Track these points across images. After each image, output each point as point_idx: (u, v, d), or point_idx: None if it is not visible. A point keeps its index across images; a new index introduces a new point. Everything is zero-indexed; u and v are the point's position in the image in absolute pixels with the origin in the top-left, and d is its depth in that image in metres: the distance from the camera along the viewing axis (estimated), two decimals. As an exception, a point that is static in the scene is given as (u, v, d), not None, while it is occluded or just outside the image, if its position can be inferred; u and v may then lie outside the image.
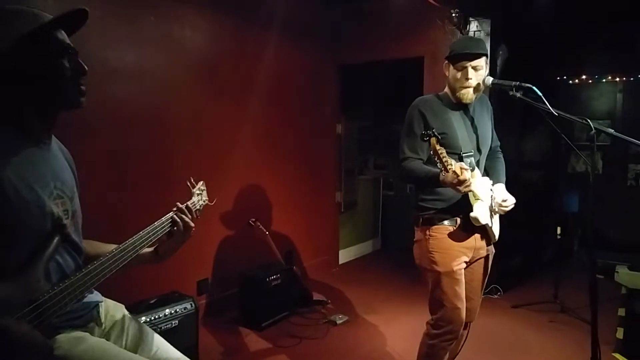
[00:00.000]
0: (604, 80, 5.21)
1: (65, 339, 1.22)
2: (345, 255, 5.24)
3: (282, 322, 3.50)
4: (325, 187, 4.79)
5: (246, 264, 3.58)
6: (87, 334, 1.31)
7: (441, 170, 1.81)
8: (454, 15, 3.86)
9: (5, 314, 1.02)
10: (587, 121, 1.98)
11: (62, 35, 1.23)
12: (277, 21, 3.94)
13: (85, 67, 1.25)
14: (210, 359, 2.96)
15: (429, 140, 1.81)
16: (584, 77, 5.26)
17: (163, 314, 2.63)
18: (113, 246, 1.46)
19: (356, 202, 5.39)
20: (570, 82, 5.33)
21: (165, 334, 2.51)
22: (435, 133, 1.81)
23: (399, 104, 5.49)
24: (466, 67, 2.07)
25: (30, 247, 1.13)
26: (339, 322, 3.51)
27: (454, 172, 1.79)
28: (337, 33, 4.58)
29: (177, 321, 2.68)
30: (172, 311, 2.67)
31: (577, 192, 4.73)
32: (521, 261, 4.59)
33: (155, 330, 2.49)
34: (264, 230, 3.52)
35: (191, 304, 2.77)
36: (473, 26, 3.89)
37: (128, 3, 2.97)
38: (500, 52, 3.88)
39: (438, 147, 1.78)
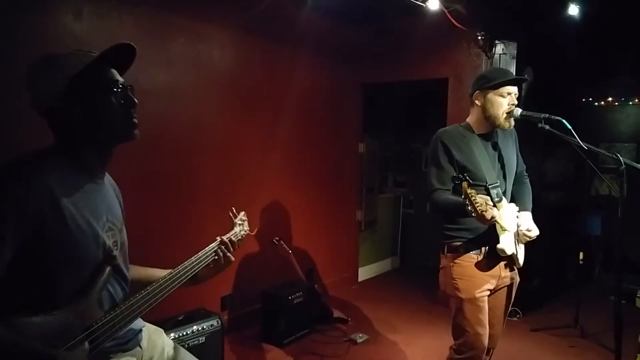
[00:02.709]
0: (630, 102, 5.16)
1: None
2: (364, 273, 5.25)
3: (303, 339, 3.53)
4: (346, 206, 4.83)
5: (269, 281, 3.63)
6: (135, 358, 1.38)
7: (471, 212, 1.84)
8: (480, 37, 3.88)
9: (61, 341, 1.09)
10: (617, 156, 1.98)
11: (110, 72, 1.28)
12: (302, 41, 4.01)
13: (135, 100, 1.29)
14: (234, 375, 3.02)
15: (460, 184, 1.84)
16: (609, 99, 5.21)
17: (190, 331, 2.69)
18: (153, 270, 1.53)
19: (376, 221, 5.40)
20: (596, 104, 5.28)
21: (192, 351, 2.56)
22: (467, 177, 1.84)
23: (420, 122, 5.55)
24: (511, 93, 2.14)
25: (85, 277, 1.20)
26: (359, 341, 3.53)
27: (482, 212, 1.82)
28: (361, 52, 4.63)
29: (203, 338, 2.74)
30: (199, 328, 2.73)
31: (599, 215, 4.69)
32: (541, 283, 4.56)
33: (182, 347, 2.56)
34: (287, 249, 3.57)
35: (217, 321, 2.83)
36: (499, 49, 3.90)
37: (159, 25, 3.07)
38: (526, 76, 3.88)
39: (469, 190, 1.81)
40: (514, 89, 2.14)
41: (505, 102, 2.13)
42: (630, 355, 2.94)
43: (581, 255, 4.00)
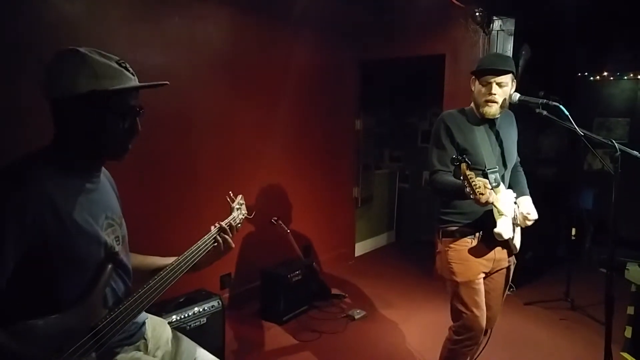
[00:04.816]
0: (625, 77, 5.15)
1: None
2: (360, 248, 5.34)
3: (302, 316, 3.62)
4: (343, 183, 4.87)
5: (267, 259, 3.69)
6: (142, 353, 1.41)
7: (469, 193, 1.87)
8: (477, 14, 3.83)
9: (67, 343, 1.11)
10: (612, 142, 1.99)
11: (131, 98, 1.27)
12: (299, 18, 3.93)
13: (139, 128, 1.30)
14: (235, 352, 3.09)
15: (459, 165, 1.86)
16: (605, 74, 5.20)
17: (192, 312, 2.72)
18: (153, 258, 1.55)
19: (372, 197, 5.45)
20: (592, 78, 5.27)
21: (193, 332, 2.66)
22: (466, 159, 1.85)
23: (416, 97, 5.54)
24: (490, 83, 2.12)
25: (88, 277, 1.22)
26: (357, 317, 3.62)
27: (481, 193, 1.84)
28: (358, 30, 4.57)
29: (205, 319, 2.78)
30: (200, 309, 2.77)
31: (592, 189, 4.75)
32: (534, 257, 4.66)
33: (184, 329, 2.63)
34: (286, 228, 3.60)
35: (218, 302, 2.87)
36: (496, 25, 3.86)
37: (153, 4, 2.99)
38: (523, 52, 3.86)
39: (468, 172, 1.83)
40: (496, 79, 2.10)
41: (484, 90, 2.14)
42: (618, 327, 3.05)
43: (573, 231, 4.07)
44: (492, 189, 2.00)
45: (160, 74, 3.05)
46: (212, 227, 1.60)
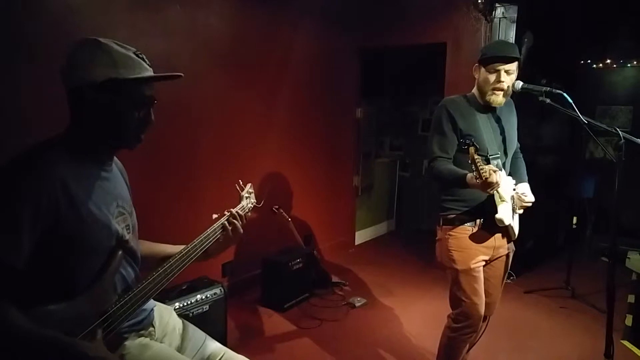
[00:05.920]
0: (628, 65, 5.11)
1: (133, 345, 1.33)
2: (360, 237, 5.35)
3: (303, 304, 3.64)
4: (343, 172, 4.86)
5: (268, 248, 3.70)
6: (149, 339, 1.42)
7: (476, 177, 1.86)
8: (480, 1, 3.79)
9: (78, 328, 1.12)
10: (616, 130, 1.98)
11: (146, 87, 1.28)
12: (300, 6, 3.91)
13: (153, 119, 1.30)
14: (237, 339, 3.11)
15: (467, 149, 1.85)
16: (608, 61, 5.16)
17: (194, 300, 2.74)
18: (164, 246, 1.55)
19: (372, 185, 5.46)
20: (594, 66, 5.23)
21: (196, 319, 2.67)
22: (474, 142, 1.85)
23: (418, 86, 5.51)
24: (499, 70, 2.10)
25: (99, 263, 1.23)
26: (357, 304, 3.64)
27: (486, 178, 1.84)
28: (359, 17, 4.53)
29: (207, 306, 2.80)
30: (203, 297, 2.78)
31: (593, 177, 4.74)
32: (534, 246, 4.67)
33: (186, 315, 2.65)
34: (287, 216, 3.61)
35: (220, 289, 2.88)
36: (499, 12, 3.82)
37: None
38: (526, 40, 3.83)
39: (476, 156, 1.83)
40: (504, 66, 2.09)
41: (492, 77, 2.12)
42: (618, 315, 3.06)
43: (574, 220, 4.07)
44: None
45: (161, 63, 3.02)
46: (214, 216, 1.59)
